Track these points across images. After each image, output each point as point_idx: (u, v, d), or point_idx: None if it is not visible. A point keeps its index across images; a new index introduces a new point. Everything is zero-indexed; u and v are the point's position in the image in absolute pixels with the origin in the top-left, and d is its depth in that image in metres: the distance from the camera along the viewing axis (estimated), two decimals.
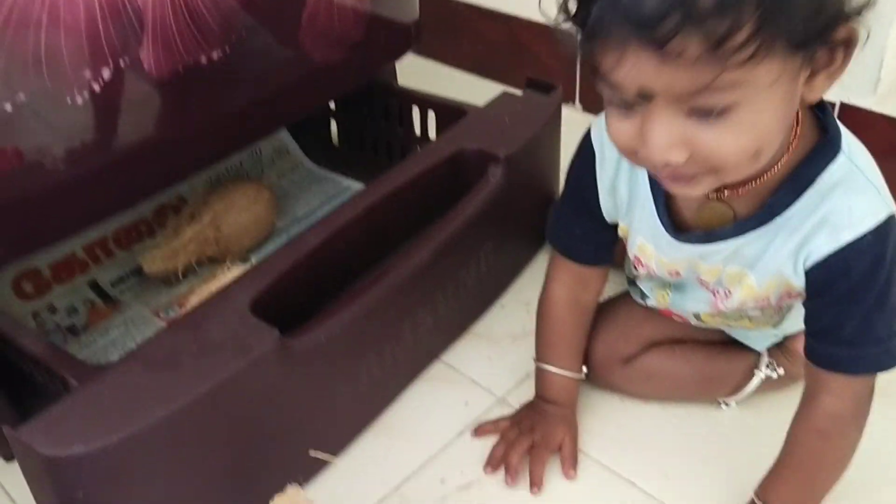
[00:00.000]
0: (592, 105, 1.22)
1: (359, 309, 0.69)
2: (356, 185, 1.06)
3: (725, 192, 0.56)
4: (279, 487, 0.66)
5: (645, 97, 0.46)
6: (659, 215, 0.61)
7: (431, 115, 0.98)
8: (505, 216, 0.87)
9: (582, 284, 0.72)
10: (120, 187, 0.73)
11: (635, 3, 0.42)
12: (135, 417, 0.55)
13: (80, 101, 0.65)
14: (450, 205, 0.81)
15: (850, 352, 0.55)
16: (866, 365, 0.56)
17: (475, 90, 0.93)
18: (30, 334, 0.65)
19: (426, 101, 0.98)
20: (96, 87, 0.66)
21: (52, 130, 0.66)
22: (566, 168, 0.70)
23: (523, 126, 0.87)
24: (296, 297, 0.71)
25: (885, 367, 0.56)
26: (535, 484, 0.69)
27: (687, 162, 0.48)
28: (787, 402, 0.61)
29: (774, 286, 0.60)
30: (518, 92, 0.94)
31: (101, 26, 0.65)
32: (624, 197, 0.64)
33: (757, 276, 0.59)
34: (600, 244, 0.70)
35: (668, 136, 0.47)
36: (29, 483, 0.57)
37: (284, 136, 1.08)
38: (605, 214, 0.67)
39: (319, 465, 0.71)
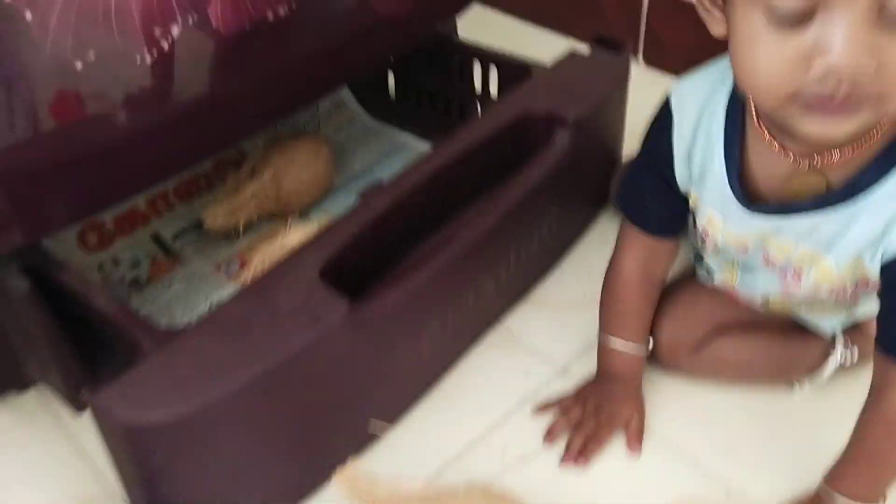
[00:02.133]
0: (656, 60, 1.18)
1: (425, 275, 0.69)
2: (413, 140, 1.04)
3: (818, 160, 0.53)
4: (343, 455, 0.67)
5: (822, 3, 0.41)
6: (731, 184, 0.59)
7: (493, 71, 0.95)
8: (570, 180, 0.85)
9: (653, 256, 0.70)
10: (184, 145, 0.73)
11: None
12: (210, 386, 0.56)
13: (148, 59, 0.64)
14: (514, 167, 0.79)
15: None
16: None
17: (536, 41, 0.90)
18: (102, 294, 0.65)
19: (488, 57, 0.95)
20: (165, 45, 0.65)
21: (119, 87, 0.65)
22: (631, 128, 0.68)
23: (591, 87, 0.84)
24: (362, 261, 0.70)
25: None
26: (584, 457, 0.68)
27: (869, 80, 0.43)
28: (858, 386, 0.60)
29: (851, 272, 0.58)
30: (581, 46, 0.91)
31: None
32: (697, 164, 0.62)
33: (836, 258, 0.57)
34: (673, 214, 0.68)
35: (858, 39, 0.41)
36: (106, 444, 0.58)
37: (342, 90, 1.06)
38: (679, 183, 0.64)
39: (380, 434, 0.71)
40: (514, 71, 0.91)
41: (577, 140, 0.81)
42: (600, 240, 0.91)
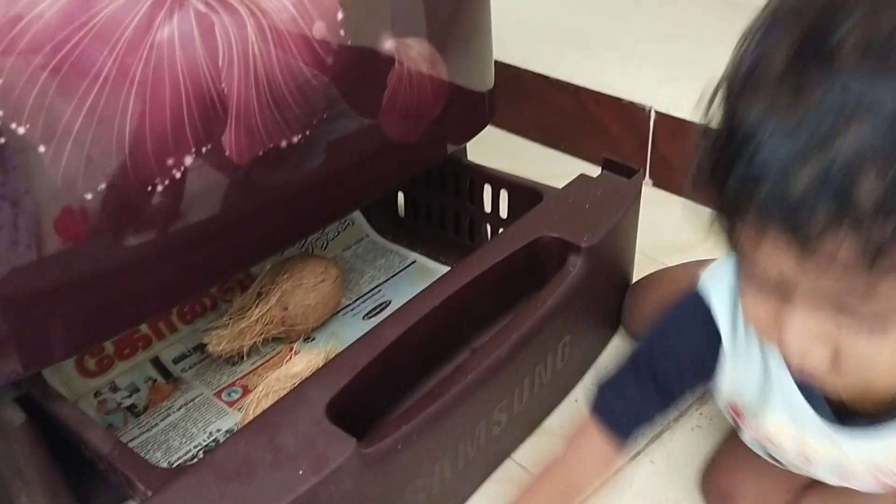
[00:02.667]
0: (663, 181, 1.19)
1: (435, 411, 0.66)
2: (422, 259, 1.03)
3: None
4: None
5: (785, 286, 0.39)
6: (812, 403, 0.51)
7: (503, 194, 0.95)
8: (582, 306, 0.83)
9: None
10: (192, 272, 0.71)
11: (780, 182, 0.35)
12: None
13: (159, 188, 0.64)
14: (526, 294, 0.78)
15: None
16: None
17: (543, 161, 0.90)
18: (98, 431, 0.62)
19: (499, 181, 0.95)
20: (177, 175, 0.65)
21: (127, 215, 0.64)
22: (640, 248, 0.66)
23: (604, 213, 0.84)
24: (370, 393, 0.68)
25: None
26: None
27: (831, 367, 0.40)
28: None
29: None
30: (589, 166, 0.91)
31: (185, 113, 0.64)
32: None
33: None
34: (651, 414, 0.61)
35: (807, 334, 0.39)
36: None
37: None
38: (717, 393, 0.57)
39: None
40: (525, 194, 0.91)
41: (590, 266, 0.80)
42: (613, 364, 0.89)
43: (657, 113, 1.15)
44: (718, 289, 0.53)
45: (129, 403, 0.83)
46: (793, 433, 0.54)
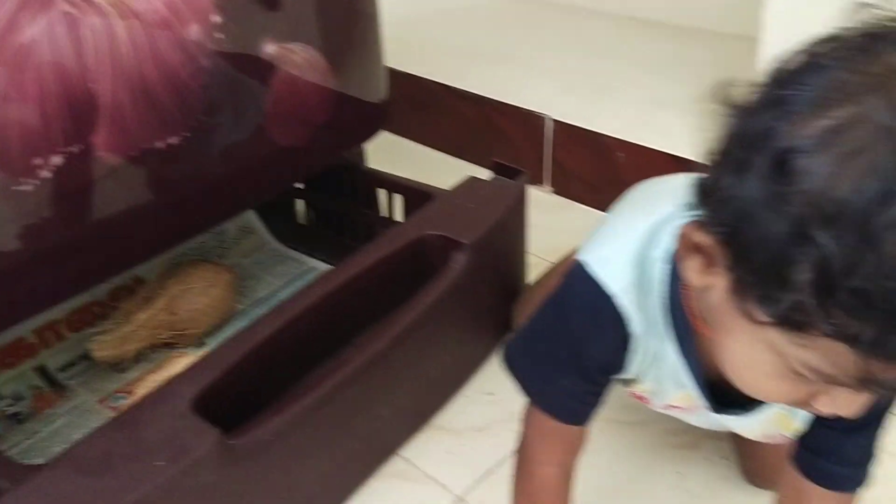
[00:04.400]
0: (563, 188, 1.22)
1: (308, 404, 0.67)
2: (321, 266, 1.04)
3: None
4: None
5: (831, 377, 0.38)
6: (700, 390, 0.54)
7: (399, 198, 0.97)
8: (469, 304, 0.85)
9: (571, 449, 0.60)
10: (75, 273, 0.71)
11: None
12: None
13: (30, 187, 0.64)
14: (412, 292, 0.79)
15: (852, 471, 0.55)
16: (863, 481, 0.55)
17: (448, 170, 0.93)
18: None
19: (393, 184, 0.97)
20: (47, 174, 0.65)
21: (3, 215, 0.64)
22: (539, 252, 0.66)
23: (488, 211, 0.86)
24: (245, 389, 0.68)
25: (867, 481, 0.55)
26: None
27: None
28: None
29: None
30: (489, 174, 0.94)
31: (51, 112, 0.64)
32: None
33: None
34: (597, 399, 0.58)
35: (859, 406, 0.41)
36: None
37: (250, 215, 1.07)
38: (622, 375, 0.57)
39: None
40: (419, 197, 0.93)
41: (474, 263, 0.82)
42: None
43: (554, 121, 1.19)
44: (619, 281, 0.52)
45: (14, 411, 0.81)
46: (692, 407, 0.57)
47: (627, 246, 0.52)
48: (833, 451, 0.55)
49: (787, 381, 0.40)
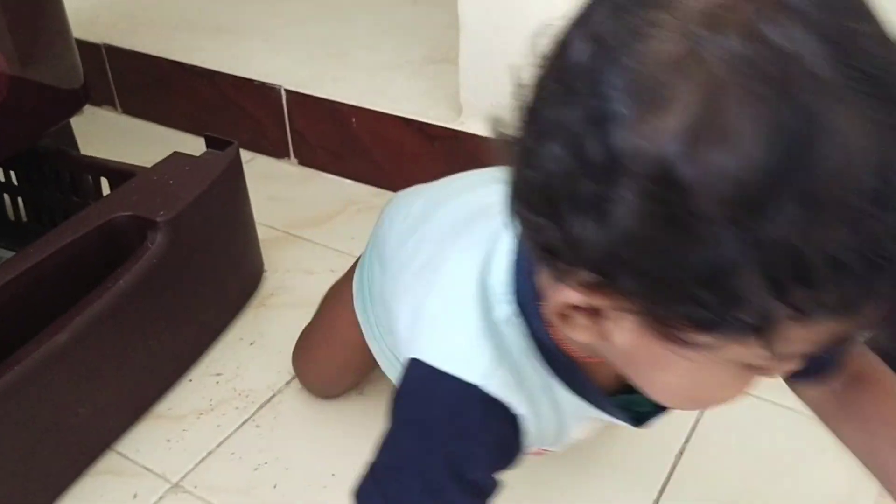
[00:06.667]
0: (306, 158, 1.20)
1: None
2: None
3: None
4: None
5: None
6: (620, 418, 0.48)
7: (104, 182, 0.91)
8: (180, 284, 0.81)
9: None
10: None
11: None
12: None
13: None
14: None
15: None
16: None
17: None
18: None
19: (98, 168, 0.91)
20: None
21: None
22: (284, 226, 0.63)
23: (190, 187, 0.83)
24: None
25: None
26: None
27: None
28: None
29: None
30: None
31: None
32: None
33: None
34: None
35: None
36: None
37: None
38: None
39: None
40: (124, 178, 0.88)
41: (174, 240, 0.78)
42: (236, 343, 0.88)
43: (287, 91, 1.16)
44: (478, 368, 0.44)
45: None
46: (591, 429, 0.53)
47: (464, 319, 0.44)
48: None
49: (743, 379, 0.36)
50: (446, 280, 0.48)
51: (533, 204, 0.33)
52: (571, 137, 0.31)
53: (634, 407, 0.48)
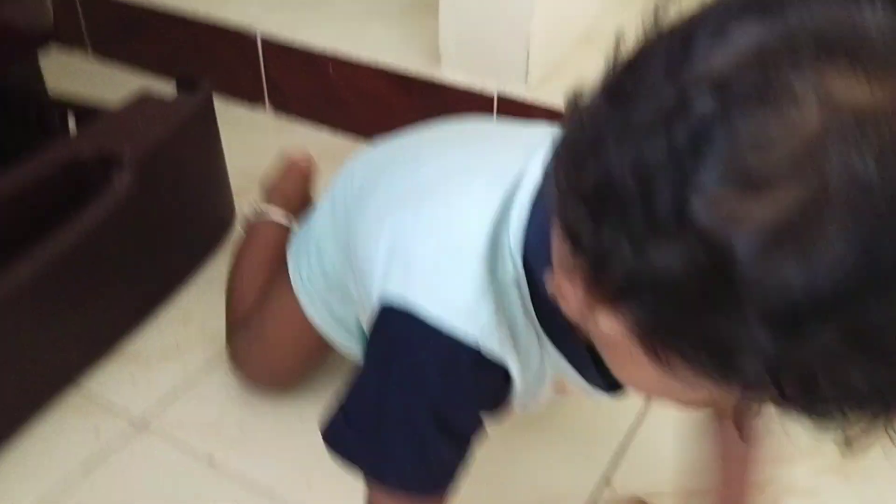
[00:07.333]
0: (282, 107, 1.19)
1: None
2: None
3: None
4: None
5: None
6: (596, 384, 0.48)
7: (71, 120, 0.90)
8: (147, 225, 0.80)
9: None
10: None
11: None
12: None
13: None
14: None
15: None
16: None
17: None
18: None
19: (63, 105, 0.90)
20: None
21: None
22: (256, 173, 0.62)
23: (158, 126, 0.81)
24: None
25: None
26: None
27: None
28: None
29: None
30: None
31: None
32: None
33: None
34: (466, 454, 0.48)
35: None
36: None
37: None
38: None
39: None
40: (91, 116, 0.87)
41: (145, 181, 0.77)
42: (206, 287, 0.88)
43: (263, 38, 1.14)
44: (477, 323, 0.43)
45: None
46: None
47: (470, 272, 0.42)
48: None
49: (712, 395, 0.35)
50: (455, 217, 0.45)
51: (582, 188, 0.30)
52: (647, 169, 0.28)
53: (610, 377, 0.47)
